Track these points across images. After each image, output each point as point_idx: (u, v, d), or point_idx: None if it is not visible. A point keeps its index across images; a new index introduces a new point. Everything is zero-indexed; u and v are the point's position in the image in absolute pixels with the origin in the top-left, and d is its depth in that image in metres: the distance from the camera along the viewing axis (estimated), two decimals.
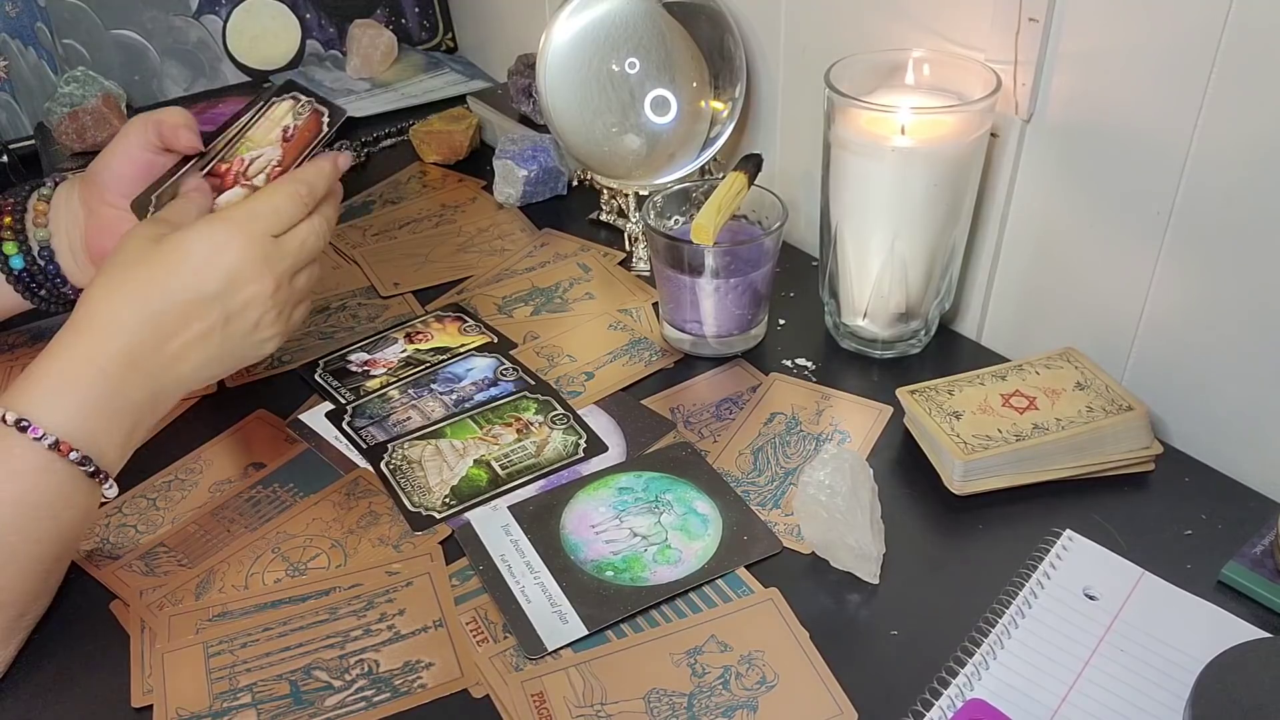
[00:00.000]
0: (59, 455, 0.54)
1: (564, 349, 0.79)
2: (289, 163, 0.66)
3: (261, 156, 0.67)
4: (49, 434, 0.54)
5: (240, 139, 0.69)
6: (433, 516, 0.64)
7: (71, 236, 0.72)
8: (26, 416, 0.54)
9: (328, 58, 1.26)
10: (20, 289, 0.73)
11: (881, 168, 0.68)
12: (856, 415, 0.71)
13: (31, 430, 0.54)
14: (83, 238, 0.72)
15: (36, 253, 0.72)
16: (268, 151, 0.67)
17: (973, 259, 0.76)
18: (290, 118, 0.68)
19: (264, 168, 0.66)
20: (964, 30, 0.70)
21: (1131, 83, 0.62)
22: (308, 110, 0.68)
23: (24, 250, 0.72)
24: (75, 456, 0.55)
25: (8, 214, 0.72)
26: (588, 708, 0.53)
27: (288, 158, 0.66)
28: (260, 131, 0.69)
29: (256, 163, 0.67)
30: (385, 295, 0.86)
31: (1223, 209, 0.60)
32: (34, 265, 0.72)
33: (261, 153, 0.67)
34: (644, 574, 0.60)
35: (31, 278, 0.72)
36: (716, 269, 0.72)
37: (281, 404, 0.74)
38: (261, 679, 0.55)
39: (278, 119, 0.69)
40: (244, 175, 0.66)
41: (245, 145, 0.68)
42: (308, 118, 0.68)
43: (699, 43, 0.86)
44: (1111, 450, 0.63)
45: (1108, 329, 0.69)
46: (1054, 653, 0.53)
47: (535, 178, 0.97)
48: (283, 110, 0.69)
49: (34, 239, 0.72)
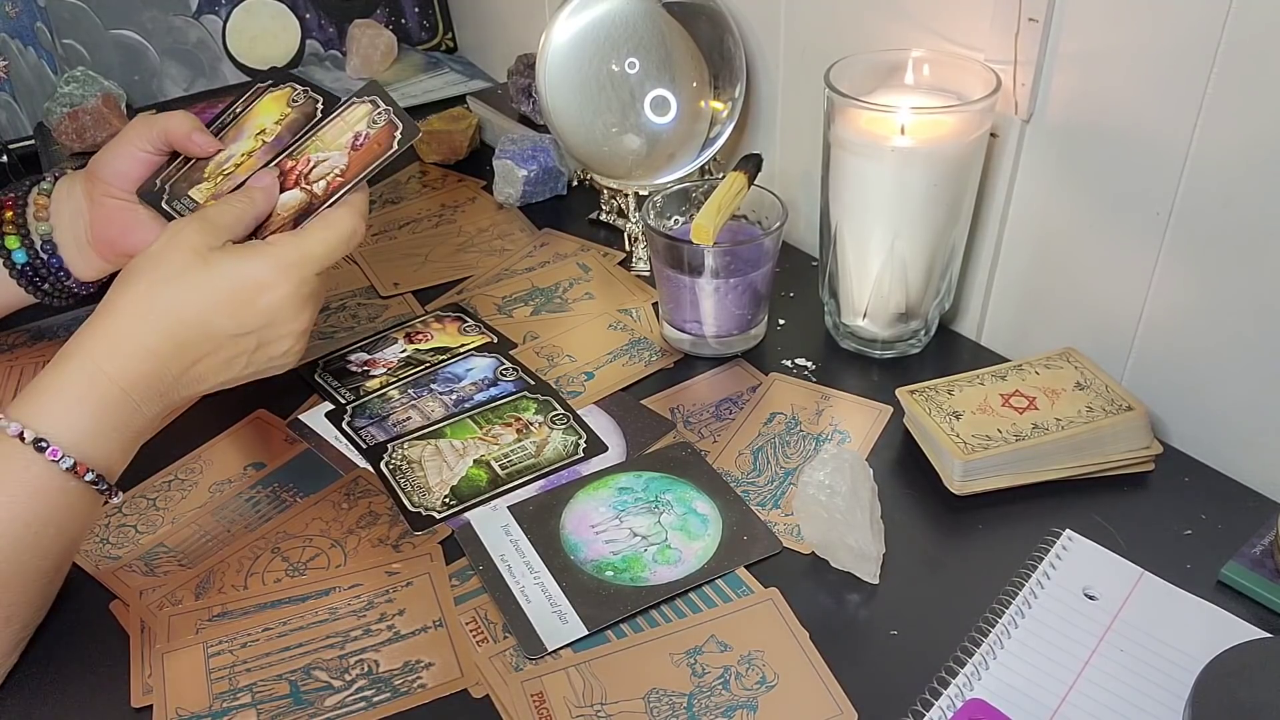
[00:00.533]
0: (75, 476, 0.54)
1: (564, 349, 0.79)
2: (352, 174, 0.64)
3: (328, 161, 0.65)
4: (68, 455, 0.54)
5: (312, 136, 0.67)
6: (432, 516, 0.64)
7: (75, 229, 0.72)
8: (45, 435, 0.53)
9: (327, 58, 1.26)
10: (23, 283, 0.73)
11: (881, 168, 0.68)
12: (856, 415, 0.71)
13: (51, 452, 0.53)
14: (87, 229, 0.72)
15: (39, 246, 0.72)
16: (334, 157, 0.65)
17: (972, 259, 0.76)
18: (365, 124, 0.66)
19: (327, 173, 0.64)
20: (964, 30, 0.70)
21: (1131, 83, 0.62)
22: (383, 120, 0.65)
23: (26, 244, 0.72)
24: (90, 477, 0.55)
25: (9, 209, 0.72)
26: (587, 708, 0.53)
27: (352, 168, 0.64)
28: (333, 133, 0.66)
29: (321, 166, 0.65)
30: (385, 295, 0.86)
31: (1222, 209, 0.60)
32: (36, 259, 0.72)
33: (328, 157, 0.65)
34: (644, 574, 0.60)
35: (35, 271, 0.73)
36: (716, 269, 0.72)
37: (281, 404, 0.74)
38: (261, 679, 0.55)
39: (352, 123, 0.66)
40: (306, 178, 0.64)
41: (315, 145, 0.66)
42: (382, 128, 0.65)
43: (699, 43, 0.86)
44: (1111, 450, 0.63)
45: (1107, 329, 0.69)
46: (1054, 653, 0.53)
47: (535, 178, 0.97)
48: (359, 115, 0.66)
49: (36, 233, 0.72)
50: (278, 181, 0.65)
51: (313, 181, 0.64)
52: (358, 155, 0.65)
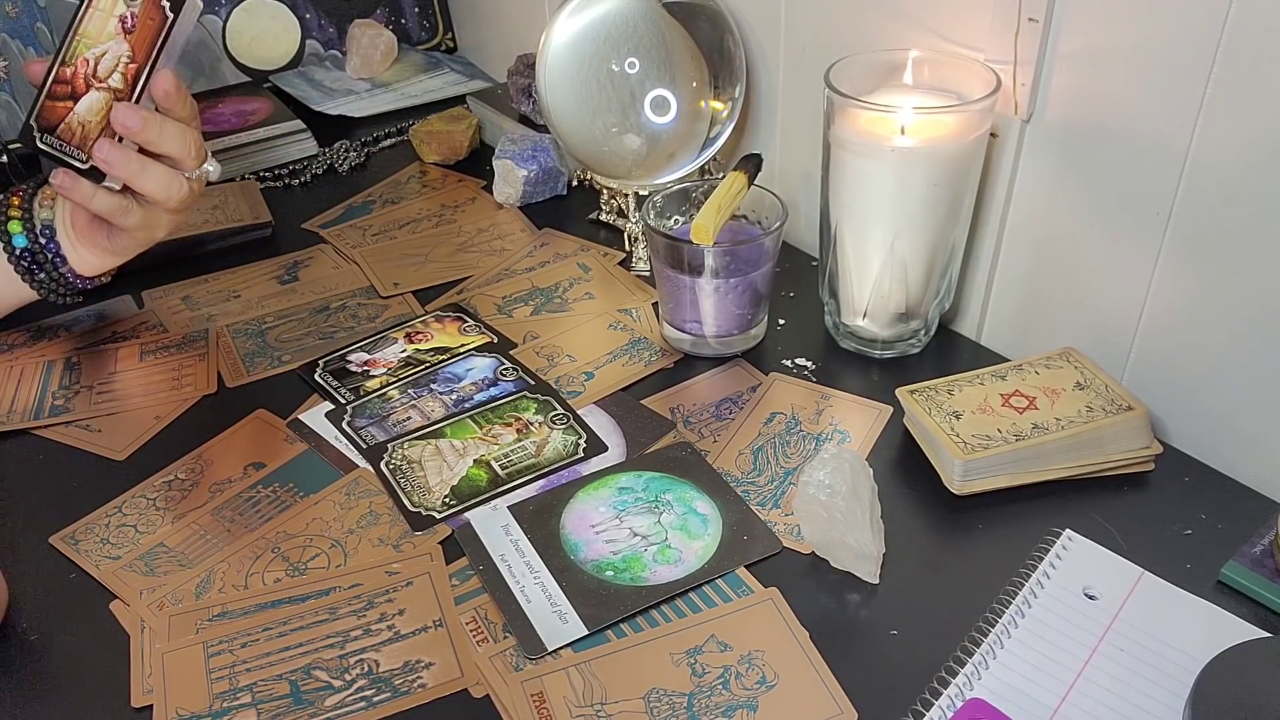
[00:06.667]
0: None
1: (564, 349, 0.79)
2: (143, 59, 0.62)
3: (107, 53, 0.63)
4: None
5: (74, 37, 0.64)
6: (432, 516, 0.64)
7: (63, 216, 0.74)
8: None
9: (328, 58, 1.26)
10: (21, 271, 0.74)
11: (881, 168, 0.68)
12: (856, 415, 0.71)
13: None
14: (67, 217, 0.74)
15: (39, 231, 0.74)
16: (112, 47, 0.63)
17: (972, 259, 0.76)
18: (122, 5, 0.63)
19: (115, 65, 0.62)
20: (963, 30, 0.70)
21: (1131, 83, 0.62)
22: None
23: (28, 229, 0.74)
24: None
25: (17, 195, 0.74)
26: (588, 707, 0.53)
27: (139, 52, 0.62)
28: (94, 25, 0.64)
29: (104, 61, 0.63)
30: (385, 295, 0.86)
31: (1222, 209, 0.60)
32: (35, 244, 0.74)
33: (105, 49, 0.63)
34: (644, 574, 0.60)
35: (32, 257, 0.74)
36: (716, 269, 0.72)
37: (281, 404, 0.74)
38: (261, 679, 0.55)
39: (108, 9, 0.64)
40: (94, 77, 0.63)
41: (83, 43, 0.64)
42: (143, 3, 0.63)
43: (699, 43, 0.86)
44: (1111, 450, 0.63)
45: (1107, 329, 0.69)
46: (1054, 652, 0.53)
47: (535, 178, 0.97)
48: None
49: (38, 219, 0.74)
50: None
51: (104, 78, 0.63)
52: (137, 38, 0.63)
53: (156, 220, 0.72)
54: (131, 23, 0.63)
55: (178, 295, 0.87)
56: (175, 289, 0.88)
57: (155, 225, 0.72)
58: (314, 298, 0.86)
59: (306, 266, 0.91)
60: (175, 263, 0.90)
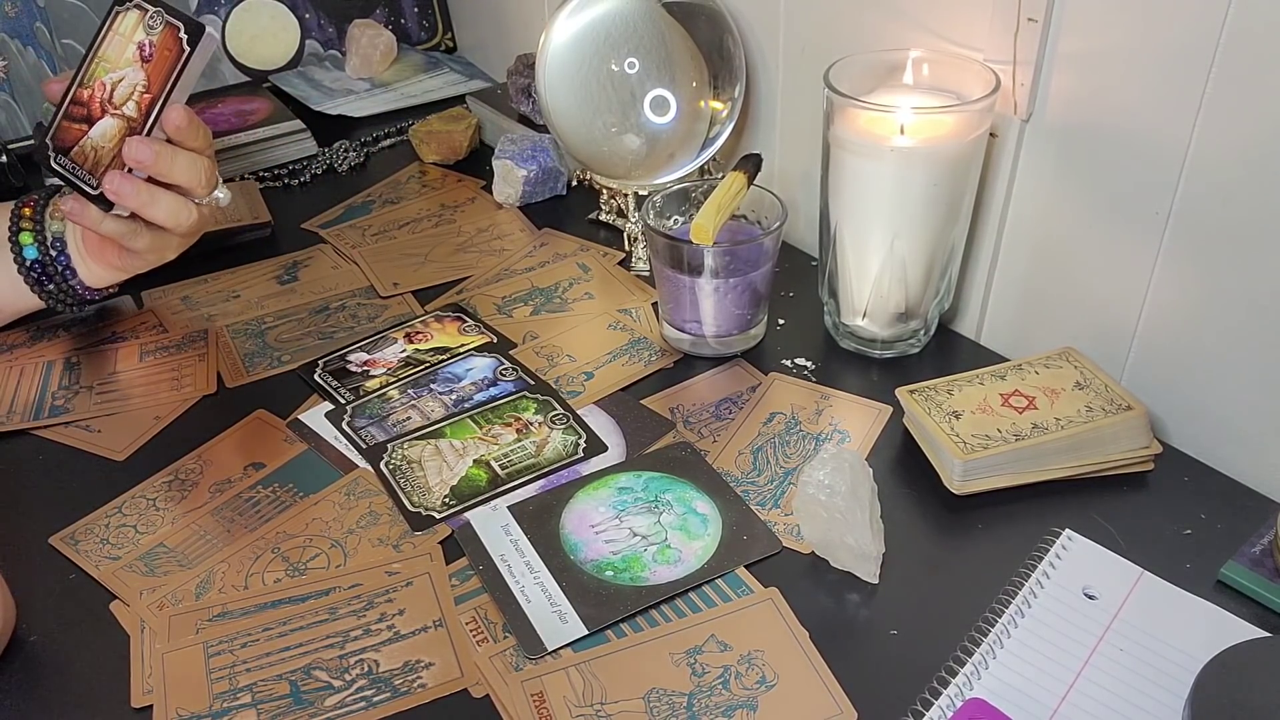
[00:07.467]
0: None
1: (563, 349, 0.79)
2: (158, 90, 0.62)
3: (124, 80, 0.63)
4: None
5: (94, 59, 0.65)
6: (432, 516, 0.64)
7: (74, 229, 0.74)
8: None
9: (327, 58, 1.26)
10: (30, 282, 0.75)
11: (881, 168, 0.68)
12: (856, 415, 0.71)
13: None
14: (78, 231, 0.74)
15: (49, 243, 0.74)
16: (129, 74, 0.63)
17: (972, 259, 0.76)
18: (142, 32, 0.63)
19: (130, 94, 0.62)
20: (963, 30, 0.70)
21: (1130, 83, 0.62)
22: (160, 23, 0.63)
23: (39, 240, 0.74)
24: None
25: (29, 206, 0.74)
26: (587, 707, 0.53)
27: (155, 83, 0.62)
28: (114, 50, 0.64)
29: (120, 88, 0.63)
30: (385, 295, 0.86)
31: (1222, 209, 0.60)
32: (46, 255, 0.74)
33: (122, 75, 0.63)
34: (644, 574, 0.60)
35: (43, 269, 0.74)
36: (716, 269, 0.72)
37: (281, 404, 0.74)
38: (261, 679, 0.55)
39: (128, 34, 0.64)
40: (110, 102, 0.63)
41: (101, 66, 0.64)
42: (162, 32, 0.63)
43: (699, 43, 0.86)
44: (1111, 450, 0.63)
45: (1107, 329, 0.69)
46: (1053, 652, 0.53)
47: (535, 178, 0.97)
48: (131, 23, 0.64)
49: (50, 231, 0.74)
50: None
51: (119, 105, 0.63)
52: (154, 68, 0.63)
53: (166, 243, 0.73)
54: (149, 51, 0.63)
55: (177, 295, 0.87)
56: (175, 289, 0.88)
57: (165, 247, 0.73)
58: (314, 298, 0.86)
59: (306, 266, 0.91)
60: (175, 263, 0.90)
